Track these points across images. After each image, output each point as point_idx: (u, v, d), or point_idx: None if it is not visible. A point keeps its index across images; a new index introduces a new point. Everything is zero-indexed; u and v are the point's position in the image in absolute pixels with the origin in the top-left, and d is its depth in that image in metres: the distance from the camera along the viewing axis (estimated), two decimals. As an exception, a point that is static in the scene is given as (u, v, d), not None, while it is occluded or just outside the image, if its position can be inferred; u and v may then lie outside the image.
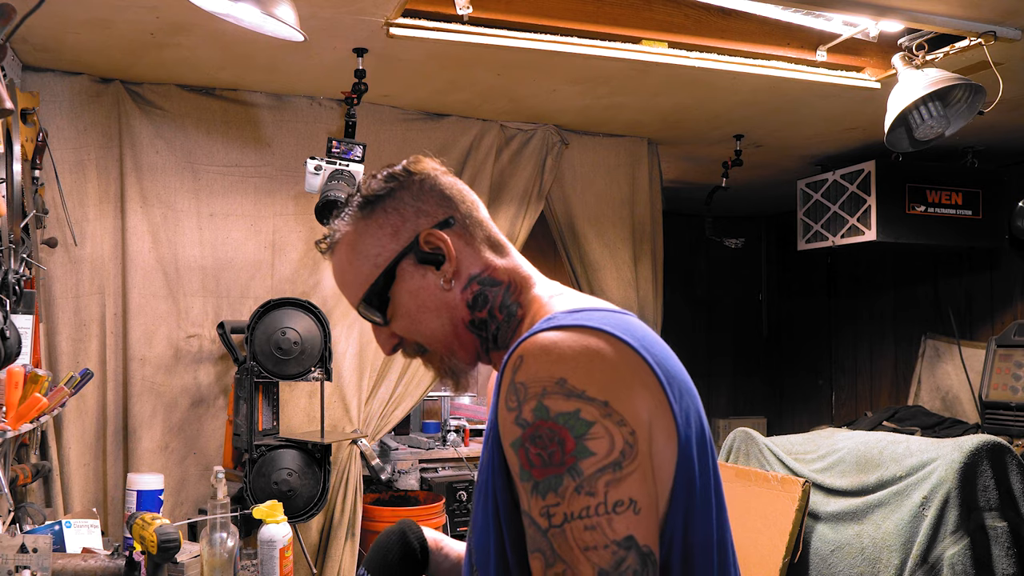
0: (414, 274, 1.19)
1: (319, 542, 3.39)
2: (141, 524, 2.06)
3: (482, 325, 1.21)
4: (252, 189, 3.32)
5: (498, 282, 1.22)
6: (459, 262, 1.20)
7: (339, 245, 1.24)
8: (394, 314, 1.21)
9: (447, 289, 1.19)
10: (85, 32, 2.64)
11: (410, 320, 1.20)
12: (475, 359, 1.23)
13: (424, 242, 1.19)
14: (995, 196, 4.05)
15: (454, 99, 3.37)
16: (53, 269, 3.01)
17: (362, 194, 1.24)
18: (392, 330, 1.23)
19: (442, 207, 1.22)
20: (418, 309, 1.20)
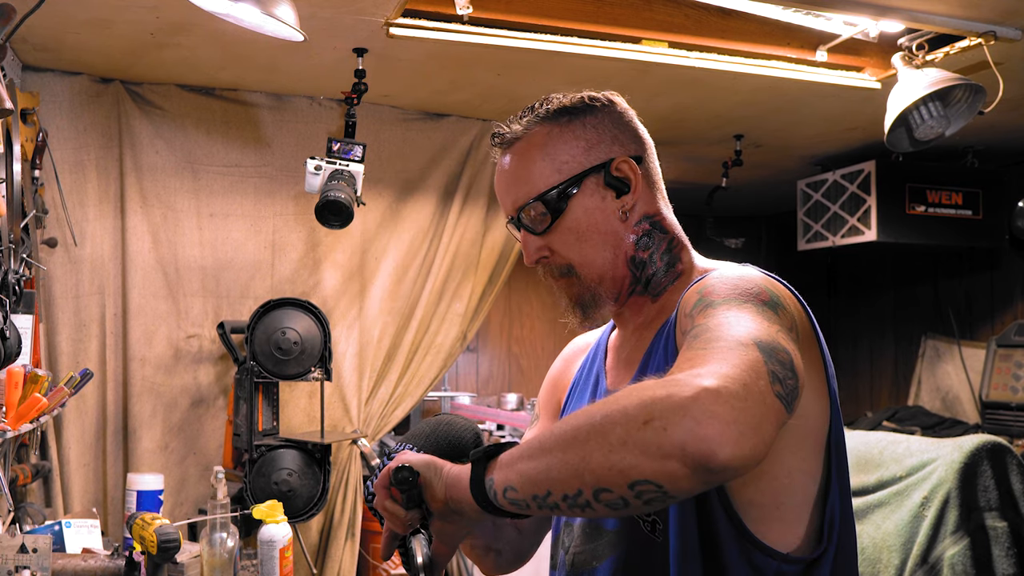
0: (595, 193, 1.20)
1: (319, 542, 3.39)
2: (141, 524, 2.06)
3: (640, 265, 1.22)
4: (252, 189, 3.32)
5: (665, 231, 1.25)
6: (639, 198, 1.22)
7: (520, 143, 1.24)
8: (559, 226, 1.20)
9: (621, 219, 1.21)
10: (85, 32, 2.64)
11: (575, 237, 1.20)
12: (616, 297, 1.23)
13: (616, 168, 1.21)
14: (995, 196, 4.05)
15: (454, 99, 3.37)
16: (53, 269, 3.00)
17: (559, 103, 1.24)
18: (546, 242, 1.22)
19: (635, 143, 1.26)
20: (588, 228, 1.20)
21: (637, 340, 1.25)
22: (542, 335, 5.21)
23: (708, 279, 1.09)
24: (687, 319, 1.04)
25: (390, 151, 3.47)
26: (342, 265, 3.42)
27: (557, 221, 1.20)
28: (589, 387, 1.33)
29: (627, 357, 1.26)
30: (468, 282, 3.60)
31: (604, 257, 1.20)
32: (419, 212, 3.53)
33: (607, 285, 1.22)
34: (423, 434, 1.22)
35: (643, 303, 1.25)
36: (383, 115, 3.44)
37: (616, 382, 1.26)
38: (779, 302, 1.03)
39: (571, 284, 1.23)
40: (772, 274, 1.13)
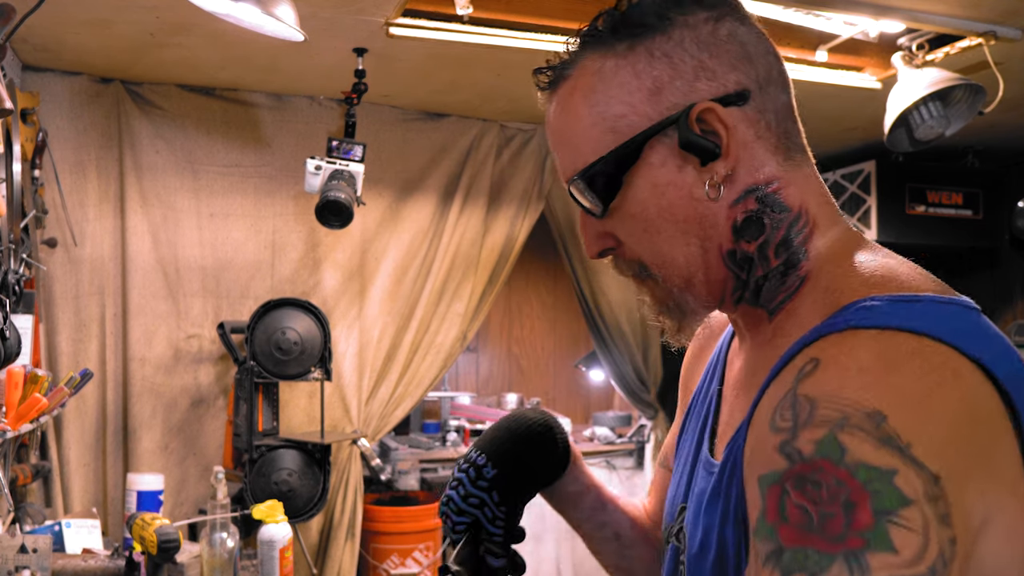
0: (667, 161, 0.79)
1: (319, 542, 3.39)
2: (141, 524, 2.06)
3: (744, 263, 0.81)
4: (252, 189, 3.32)
5: (786, 208, 0.81)
6: (738, 161, 0.79)
7: (566, 84, 0.83)
8: (620, 207, 0.82)
9: (710, 197, 0.79)
10: (85, 32, 2.64)
11: (642, 226, 0.82)
12: (716, 303, 0.85)
13: (697, 119, 0.78)
14: (995, 196, 4.05)
15: (454, 99, 3.37)
16: (53, 269, 3.01)
17: (623, 18, 0.80)
18: (608, 228, 0.85)
19: (736, 71, 0.79)
20: (659, 213, 0.80)
21: (747, 380, 0.87)
22: (542, 335, 5.21)
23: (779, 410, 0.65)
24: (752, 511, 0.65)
25: (390, 151, 3.47)
26: (342, 265, 3.42)
27: (614, 202, 0.82)
28: (699, 422, 0.96)
29: (733, 405, 0.89)
30: (468, 282, 3.60)
31: (687, 253, 0.81)
32: (419, 212, 3.53)
33: (698, 291, 0.83)
34: (498, 440, 1.04)
35: (758, 318, 0.84)
36: (383, 115, 3.44)
37: (721, 437, 0.89)
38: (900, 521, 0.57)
39: (650, 288, 0.86)
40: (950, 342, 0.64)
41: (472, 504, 1.02)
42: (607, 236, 0.85)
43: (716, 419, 0.92)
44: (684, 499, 0.91)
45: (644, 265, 0.84)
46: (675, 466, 0.99)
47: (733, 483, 0.77)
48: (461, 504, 1.02)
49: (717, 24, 0.79)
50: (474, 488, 1.02)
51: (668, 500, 0.97)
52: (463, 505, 1.02)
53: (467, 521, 1.02)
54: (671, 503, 0.95)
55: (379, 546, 3.54)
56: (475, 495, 1.02)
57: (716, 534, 0.79)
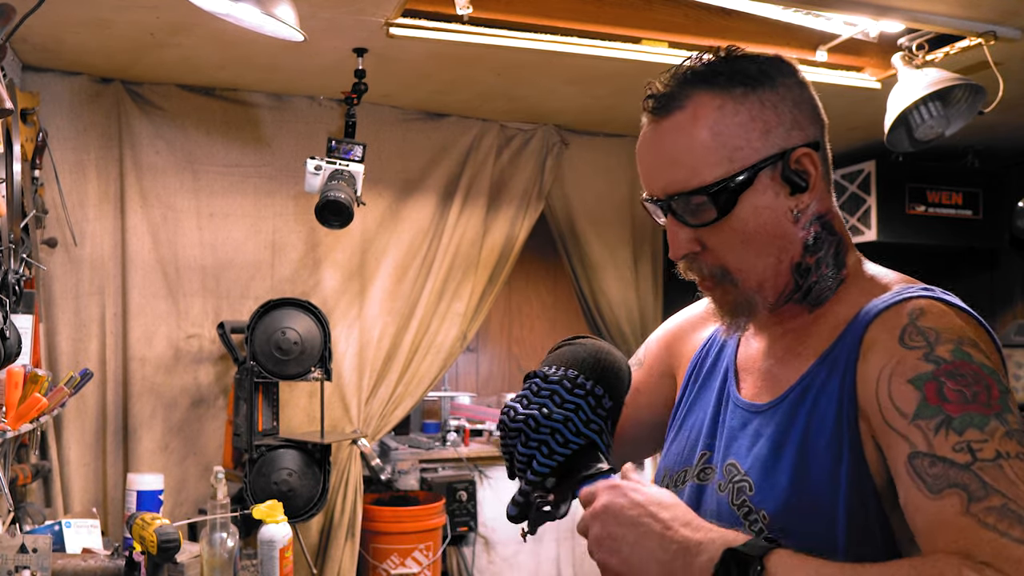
0: (768, 189, 1.01)
1: (319, 542, 3.39)
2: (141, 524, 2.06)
3: (805, 272, 1.05)
4: (252, 189, 3.32)
5: (835, 232, 1.07)
6: (815, 195, 1.04)
7: (683, 114, 1.02)
8: (723, 225, 1.01)
9: (792, 220, 1.02)
10: (85, 32, 2.64)
11: (740, 239, 1.02)
12: (772, 305, 1.07)
13: (796, 160, 1.02)
14: (995, 196, 4.05)
15: (454, 99, 3.37)
16: (53, 269, 3.01)
17: (734, 68, 1.02)
18: (701, 237, 1.04)
19: (814, 126, 1.05)
20: (756, 230, 1.01)
21: (784, 353, 1.09)
22: (542, 335, 5.21)
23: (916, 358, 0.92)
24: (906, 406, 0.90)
25: (390, 151, 3.47)
26: (342, 265, 3.42)
27: (722, 219, 1.01)
28: (713, 390, 1.17)
29: (769, 370, 1.10)
30: (468, 282, 3.60)
31: (767, 263, 1.03)
32: (419, 212, 3.53)
33: (766, 293, 1.05)
34: (604, 369, 1.08)
35: (798, 311, 1.08)
36: (383, 115, 3.44)
37: (754, 394, 1.10)
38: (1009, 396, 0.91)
39: (724, 289, 1.06)
40: (964, 306, 0.99)
41: (593, 430, 1.01)
42: (695, 242, 1.04)
43: (737, 382, 1.14)
44: (706, 446, 1.13)
45: (727, 271, 1.04)
46: (679, 423, 1.20)
47: (805, 409, 1.01)
48: (582, 428, 1.01)
49: (802, 89, 1.05)
50: (594, 415, 1.02)
51: (675, 451, 1.18)
52: (584, 429, 1.01)
53: (581, 444, 1.01)
54: (685, 450, 1.16)
55: (379, 546, 3.54)
56: (596, 422, 1.02)
57: (791, 452, 1.00)
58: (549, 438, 1.01)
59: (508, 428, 1.03)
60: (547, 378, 1.05)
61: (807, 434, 0.99)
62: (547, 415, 1.01)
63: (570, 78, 3.06)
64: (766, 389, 1.09)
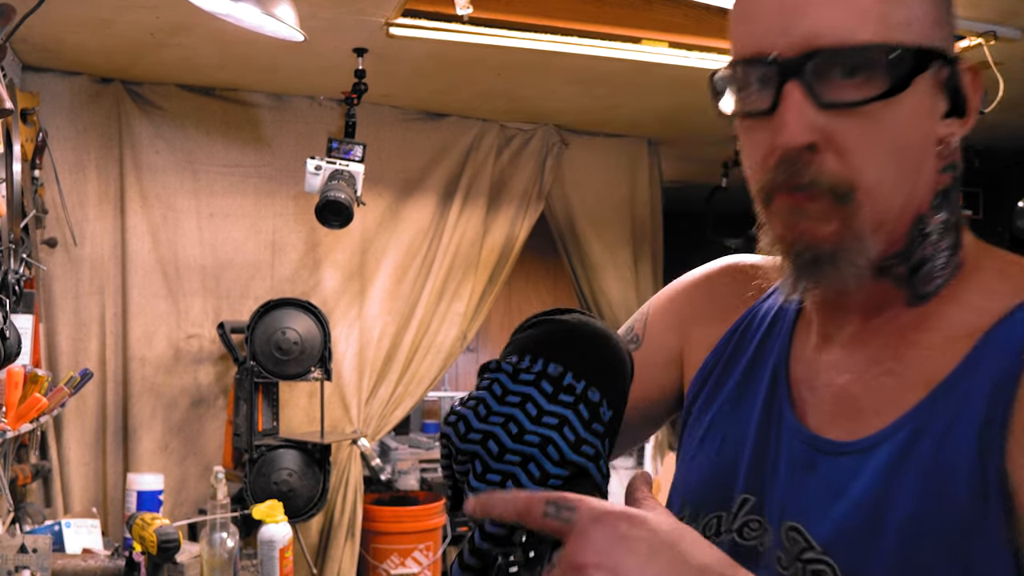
0: (927, 95, 0.71)
1: (319, 542, 3.39)
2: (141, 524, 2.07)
3: (922, 235, 0.73)
4: (252, 189, 3.32)
5: (955, 202, 0.76)
6: (963, 132, 0.75)
7: None
8: (877, 114, 0.68)
9: (936, 152, 0.73)
10: (85, 32, 2.64)
11: (889, 143, 0.70)
12: (872, 265, 0.72)
13: (964, 73, 0.73)
14: (995, 196, 4.05)
15: (454, 99, 3.37)
16: (53, 269, 3.01)
17: None
18: (832, 128, 0.69)
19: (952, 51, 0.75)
20: (907, 141, 0.70)
21: (869, 366, 0.76)
22: (542, 335, 5.20)
23: None
24: None
25: (390, 151, 3.47)
26: (342, 265, 3.42)
27: (882, 102, 0.68)
28: (754, 404, 0.83)
29: (846, 390, 0.77)
30: (468, 282, 3.61)
31: (899, 196, 0.71)
32: (419, 212, 3.53)
33: (876, 243, 0.71)
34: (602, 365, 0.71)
35: (891, 299, 0.75)
36: (383, 115, 3.44)
37: (825, 423, 0.78)
38: None
39: (833, 218, 0.70)
40: None
41: (586, 455, 0.66)
42: (819, 134, 0.69)
43: (791, 399, 0.81)
44: (749, 487, 0.79)
45: (853, 187, 0.69)
46: (699, 437, 0.87)
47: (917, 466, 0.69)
48: (569, 454, 0.66)
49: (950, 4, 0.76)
50: (588, 433, 0.67)
51: (699, 479, 0.85)
52: (572, 455, 0.66)
53: (566, 475, 0.66)
54: (715, 486, 0.83)
55: (379, 546, 3.54)
56: (590, 442, 0.67)
57: (897, 529, 0.68)
58: (519, 470, 0.65)
59: (457, 450, 0.68)
60: (517, 374, 0.68)
61: (923, 505, 0.68)
62: (516, 435, 0.66)
63: (570, 78, 3.06)
64: (843, 417, 0.76)
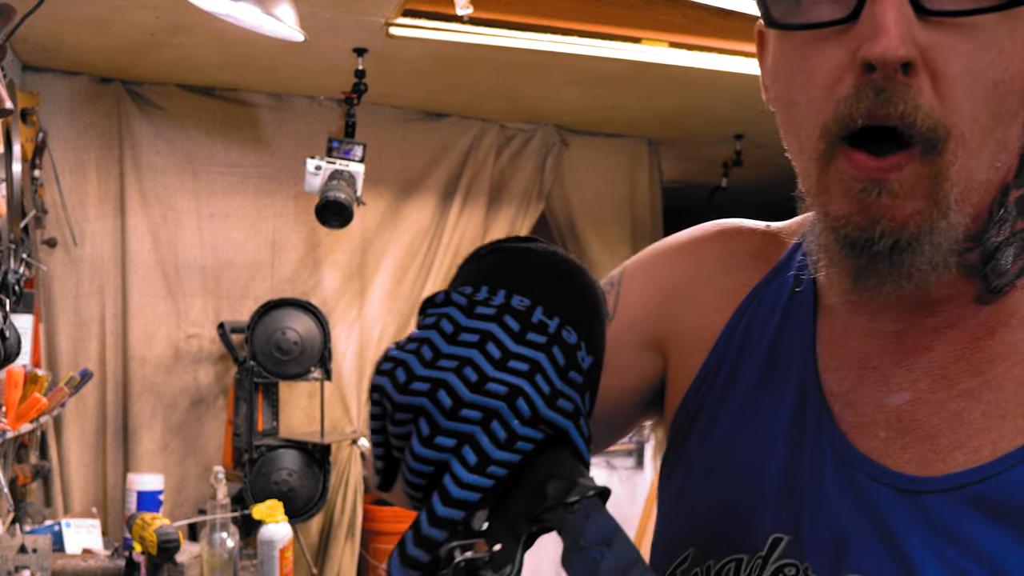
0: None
1: (319, 542, 3.39)
2: (141, 524, 2.07)
3: (1006, 211, 0.58)
4: (252, 189, 3.32)
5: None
6: None
7: None
8: (987, 32, 0.52)
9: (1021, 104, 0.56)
10: (85, 32, 2.64)
11: (993, 75, 0.53)
12: (951, 257, 0.56)
13: None
14: (995, 196, 4.05)
15: (454, 99, 3.37)
16: (53, 269, 3.01)
17: None
18: (932, 45, 0.52)
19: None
20: (1003, 80, 0.53)
21: (942, 380, 0.59)
22: (542, 335, 5.21)
23: None
24: None
25: (390, 151, 3.47)
26: (342, 265, 3.42)
27: (993, 17, 0.52)
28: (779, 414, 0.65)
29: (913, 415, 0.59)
30: (468, 282, 3.60)
31: (989, 153, 0.55)
32: (419, 212, 3.53)
33: (963, 215, 0.55)
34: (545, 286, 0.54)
35: (952, 292, 0.59)
36: (383, 115, 3.44)
37: (889, 450, 0.59)
38: None
39: (914, 189, 0.53)
40: None
41: (564, 411, 0.49)
42: (916, 50, 0.52)
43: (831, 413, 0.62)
44: (782, 524, 0.61)
45: (946, 134, 0.53)
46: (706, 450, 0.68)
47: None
48: (544, 409, 0.48)
49: None
50: (564, 384, 0.50)
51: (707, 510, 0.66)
52: (546, 411, 0.49)
53: (539, 439, 0.49)
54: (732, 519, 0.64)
55: (379, 546, 3.54)
56: (568, 395, 0.50)
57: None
58: (479, 430, 0.48)
59: (395, 405, 0.50)
60: (472, 307, 0.52)
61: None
62: (476, 383, 0.49)
63: (570, 78, 3.06)
64: (909, 448, 0.58)
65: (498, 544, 0.50)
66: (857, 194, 0.54)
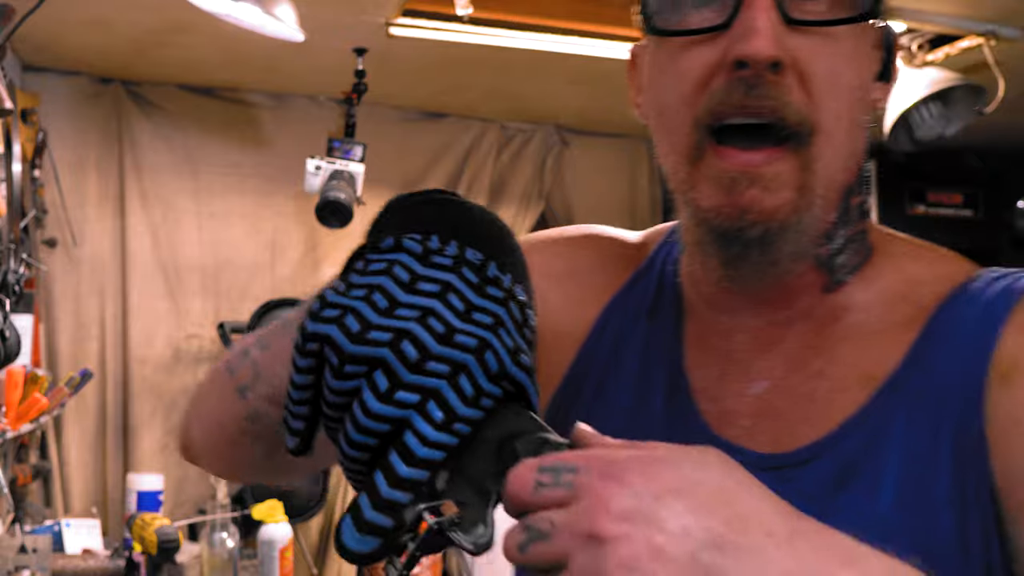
0: (871, 45, 0.64)
1: (319, 542, 3.39)
2: (141, 524, 2.07)
3: (846, 213, 0.64)
4: (252, 189, 3.32)
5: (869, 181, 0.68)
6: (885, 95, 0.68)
7: None
8: (840, 40, 0.60)
9: (868, 110, 0.65)
10: (85, 32, 2.64)
11: (848, 77, 0.61)
12: (811, 248, 0.63)
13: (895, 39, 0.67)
14: (995, 196, 4.05)
15: (454, 99, 3.37)
16: (53, 269, 3.01)
17: None
18: (798, 49, 0.58)
19: None
20: (857, 85, 0.62)
21: (791, 368, 0.65)
22: (542, 335, 5.20)
23: None
24: None
25: (390, 151, 3.47)
26: (342, 265, 3.42)
27: (848, 28, 0.60)
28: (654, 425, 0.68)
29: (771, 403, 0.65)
30: (468, 282, 3.60)
31: (846, 151, 0.62)
32: (419, 212, 3.53)
33: (824, 209, 0.61)
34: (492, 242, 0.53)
35: (804, 284, 0.65)
36: (383, 115, 3.44)
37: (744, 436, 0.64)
38: None
39: (784, 181, 0.59)
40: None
41: (525, 367, 0.48)
42: (787, 54, 0.58)
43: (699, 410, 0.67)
44: None
45: (813, 128, 0.59)
46: None
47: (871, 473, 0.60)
48: (510, 364, 0.47)
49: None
50: (523, 341, 0.49)
51: None
52: (512, 367, 0.47)
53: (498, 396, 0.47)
54: None
55: (379, 546, 3.54)
56: (527, 352, 0.49)
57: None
58: (445, 384, 0.46)
59: (343, 355, 0.47)
60: (427, 255, 0.50)
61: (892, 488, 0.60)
62: (444, 335, 0.46)
63: (570, 78, 3.06)
64: (766, 431, 0.64)
65: (464, 505, 0.47)
66: (727, 186, 0.59)
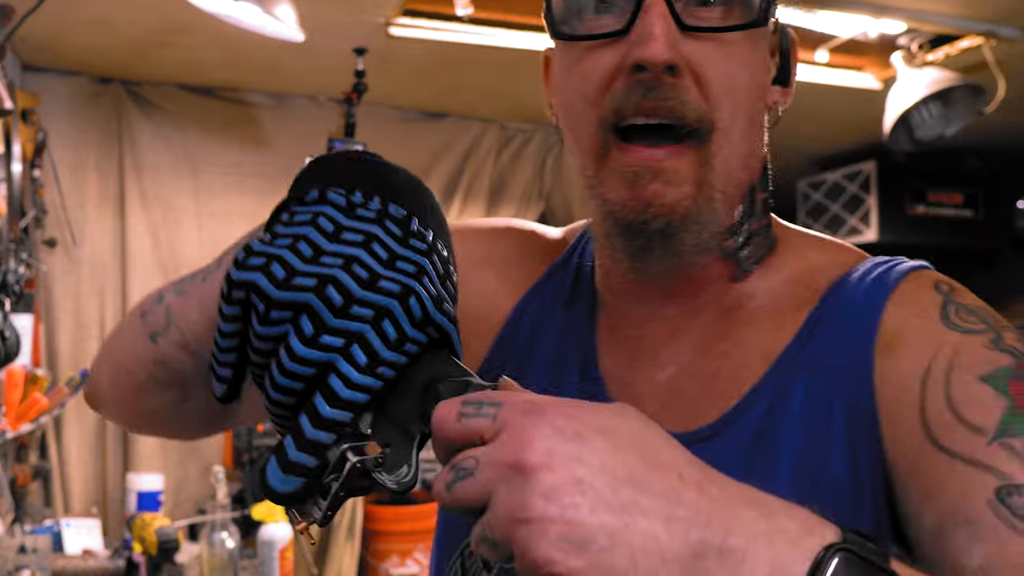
0: (764, 51, 0.68)
1: (319, 542, 3.39)
2: (141, 524, 2.07)
3: (750, 209, 0.69)
4: (252, 189, 3.32)
5: (769, 179, 0.72)
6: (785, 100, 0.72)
7: None
8: (735, 44, 0.64)
9: (764, 118, 0.69)
10: (85, 32, 2.64)
11: (744, 80, 0.65)
12: (713, 241, 0.67)
13: (791, 41, 0.72)
14: (995, 196, 4.05)
15: (454, 99, 3.37)
16: (53, 269, 3.01)
17: None
18: (691, 54, 0.63)
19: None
20: (752, 87, 0.66)
21: (697, 355, 0.69)
22: (542, 335, 5.21)
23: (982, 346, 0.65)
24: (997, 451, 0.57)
25: (390, 151, 3.44)
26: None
27: (740, 34, 0.64)
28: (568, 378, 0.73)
29: (677, 388, 0.69)
30: (468, 282, 3.61)
31: (745, 150, 0.67)
32: (419, 212, 3.53)
33: (725, 205, 0.66)
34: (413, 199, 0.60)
35: (711, 275, 0.69)
36: (383, 115, 3.44)
37: (635, 396, 0.69)
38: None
39: (684, 177, 0.63)
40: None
41: (449, 315, 0.50)
42: (680, 57, 0.62)
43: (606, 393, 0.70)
44: None
45: (711, 126, 0.63)
46: None
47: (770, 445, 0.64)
48: (433, 311, 0.49)
49: None
50: (445, 291, 0.52)
51: None
52: (435, 313, 0.49)
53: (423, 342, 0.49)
54: None
55: (379, 546, 3.54)
56: (449, 301, 0.52)
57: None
58: (369, 328, 0.47)
59: (269, 301, 0.48)
60: (352, 208, 0.53)
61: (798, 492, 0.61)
62: (368, 280, 0.48)
63: (570, 78, 3.06)
64: (674, 414, 0.67)
65: (388, 447, 0.49)
66: (631, 180, 0.63)
